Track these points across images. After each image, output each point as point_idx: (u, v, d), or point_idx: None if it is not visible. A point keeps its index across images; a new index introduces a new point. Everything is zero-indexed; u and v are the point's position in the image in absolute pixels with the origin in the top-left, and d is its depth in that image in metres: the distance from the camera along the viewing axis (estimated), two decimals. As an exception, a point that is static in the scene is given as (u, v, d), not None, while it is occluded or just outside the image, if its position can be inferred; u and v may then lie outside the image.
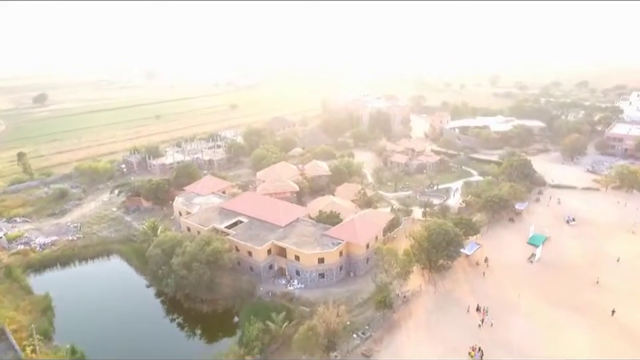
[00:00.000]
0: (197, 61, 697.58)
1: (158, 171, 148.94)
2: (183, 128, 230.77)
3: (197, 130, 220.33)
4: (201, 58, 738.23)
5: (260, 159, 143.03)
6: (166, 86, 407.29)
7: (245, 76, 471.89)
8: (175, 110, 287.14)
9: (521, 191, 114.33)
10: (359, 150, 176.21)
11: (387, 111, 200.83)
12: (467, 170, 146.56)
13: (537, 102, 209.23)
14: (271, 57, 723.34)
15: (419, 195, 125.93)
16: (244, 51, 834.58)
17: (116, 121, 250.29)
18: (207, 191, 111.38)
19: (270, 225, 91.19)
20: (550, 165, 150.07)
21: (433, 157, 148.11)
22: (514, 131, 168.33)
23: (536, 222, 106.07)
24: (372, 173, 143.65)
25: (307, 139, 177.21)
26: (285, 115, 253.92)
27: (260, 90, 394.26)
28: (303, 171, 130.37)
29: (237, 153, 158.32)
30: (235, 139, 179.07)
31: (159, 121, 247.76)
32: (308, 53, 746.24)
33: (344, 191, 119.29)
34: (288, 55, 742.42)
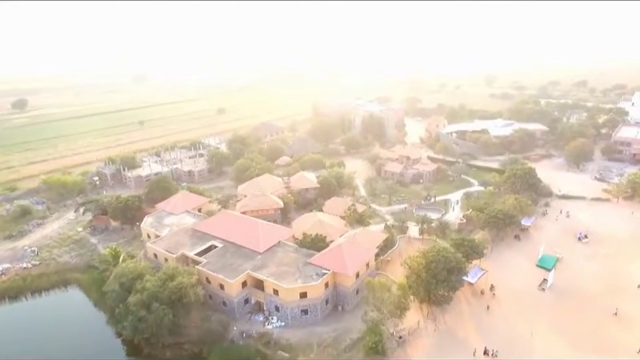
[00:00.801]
0: (187, 62, 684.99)
1: (133, 184, 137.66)
2: (166, 135, 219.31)
3: (181, 137, 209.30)
4: (192, 59, 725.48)
5: (243, 170, 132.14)
6: (154, 89, 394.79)
7: (236, 77, 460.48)
8: (161, 115, 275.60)
9: (526, 204, 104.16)
10: (351, 157, 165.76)
11: (380, 114, 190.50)
12: (467, 179, 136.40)
13: (537, 104, 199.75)
14: (263, 56, 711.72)
15: (415, 208, 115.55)
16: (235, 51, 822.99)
17: (97, 128, 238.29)
18: (180, 209, 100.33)
19: (247, 251, 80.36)
20: (554, 172, 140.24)
21: (430, 166, 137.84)
22: (515, 135, 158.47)
23: (544, 239, 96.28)
24: (364, 184, 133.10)
25: (295, 147, 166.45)
26: (273, 120, 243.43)
27: (251, 92, 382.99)
28: (289, 184, 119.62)
29: (219, 163, 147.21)
30: (219, 147, 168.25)
31: (142, 127, 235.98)
32: (301, 53, 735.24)
33: (333, 206, 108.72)
34: (281, 55, 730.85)
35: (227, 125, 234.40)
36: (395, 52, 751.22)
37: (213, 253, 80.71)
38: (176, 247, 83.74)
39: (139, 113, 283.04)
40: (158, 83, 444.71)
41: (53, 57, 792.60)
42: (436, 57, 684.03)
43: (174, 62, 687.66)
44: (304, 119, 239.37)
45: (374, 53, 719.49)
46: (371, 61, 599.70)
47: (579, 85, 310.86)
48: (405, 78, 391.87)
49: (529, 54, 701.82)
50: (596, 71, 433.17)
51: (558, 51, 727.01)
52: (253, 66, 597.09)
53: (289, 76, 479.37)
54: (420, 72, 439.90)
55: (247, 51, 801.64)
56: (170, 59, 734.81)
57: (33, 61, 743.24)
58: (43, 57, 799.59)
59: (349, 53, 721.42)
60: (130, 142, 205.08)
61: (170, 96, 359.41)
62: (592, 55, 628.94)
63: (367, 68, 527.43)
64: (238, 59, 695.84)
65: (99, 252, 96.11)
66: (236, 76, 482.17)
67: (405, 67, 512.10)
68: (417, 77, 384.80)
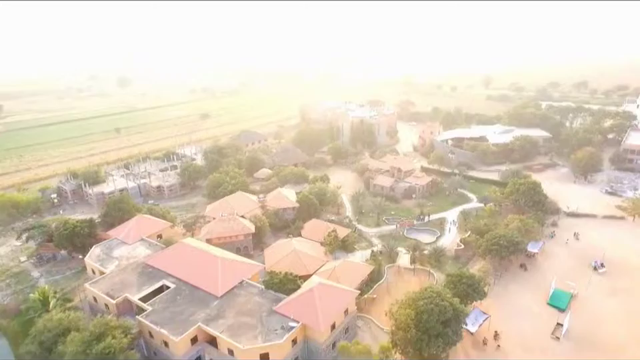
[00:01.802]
0: (174, 65, 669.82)
1: (95, 201, 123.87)
2: (144, 142, 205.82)
3: (159, 145, 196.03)
4: (180, 62, 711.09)
5: (216, 185, 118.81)
6: (139, 93, 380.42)
7: (223, 80, 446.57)
8: (142, 121, 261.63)
9: (532, 226, 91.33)
10: (338, 168, 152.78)
11: (371, 121, 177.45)
12: (464, 193, 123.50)
13: (538, 107, 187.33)
14: (253, 58, 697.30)
15: (406, 230, 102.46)
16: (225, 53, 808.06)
17: (72, 135, 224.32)
18: (135, 237, 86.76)
19: (203, 295, 66.99)
20: (560, 185, 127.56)
21: (423, 179, 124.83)
22: (515, 143, 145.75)
23: (555, 269, 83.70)
24: (351, 199, 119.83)
25: (277, 157, 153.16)
26: (259, 126, 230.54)
27: (238, 96, 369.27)
28: (264, 203, 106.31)
29: (192, 177, 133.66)
30: (194, 158, 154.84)
31: (119, 134, 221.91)
32: (292, 55, 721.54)
33: (312, 230, 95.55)
34: (271, 57, 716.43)
35: (209, 132, 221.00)
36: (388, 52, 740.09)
37: (162, 297, 67.17)
38: (121, 287, 70.25)
39: (120, 119, 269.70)
40: (144, 86, 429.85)
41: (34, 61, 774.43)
42: (431, 57, 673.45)
43: (161, 65, 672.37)
44: (291, 125, 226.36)
45: (367, 53, 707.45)
46: (364, 62, 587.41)
47: (579, 85, 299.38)
48: (398, 79, 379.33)
49: (526, 53, 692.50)
50: (595, 71, 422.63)
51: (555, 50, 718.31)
52: (242, 68, 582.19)
53: (278, 78, 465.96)
54: (414, 73, 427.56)
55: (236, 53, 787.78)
56: (157, 61, 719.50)
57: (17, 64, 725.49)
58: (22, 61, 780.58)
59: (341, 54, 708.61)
60: (103, 151, 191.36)
61: (154, 100, 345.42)
62: (590, 55, 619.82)
63: (360, 69, 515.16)
64: (227, 61, 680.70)
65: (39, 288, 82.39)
66: (224, 79, 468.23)
67: (399, 68, 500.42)
68: (411, 78, 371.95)
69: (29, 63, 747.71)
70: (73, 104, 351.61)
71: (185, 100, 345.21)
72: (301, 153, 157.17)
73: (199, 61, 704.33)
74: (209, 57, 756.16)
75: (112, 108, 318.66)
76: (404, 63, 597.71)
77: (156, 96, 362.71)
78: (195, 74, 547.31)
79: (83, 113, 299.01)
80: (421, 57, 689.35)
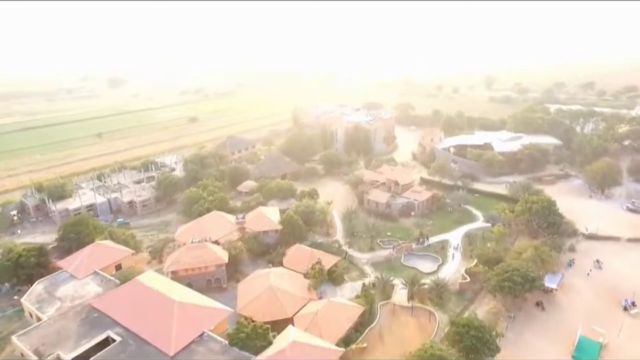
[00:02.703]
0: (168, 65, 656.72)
1: (59, 219, 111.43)
2: (127, 149, 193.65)
3: (142, 151, 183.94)
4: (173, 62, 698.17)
5: (191, 202, 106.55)
6: (129, 95, 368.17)
7: (218, 80, 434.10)
8: (128, 124, 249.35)
9: (549, 255, 78.92)
10: (330, 179, 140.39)
11: (367, 126, 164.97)
12: (468, 210, 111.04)
13: (546, 112, 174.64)
14: (249, 58, 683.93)
15: (403, 255, 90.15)
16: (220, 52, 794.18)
17: (52, 141, 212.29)
18: (87, 270, 74.52)
19: (152, 351, 54.74)
20: (574, 200, 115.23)
21: (423, 194, 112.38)
22: (524, 152, 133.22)
23: (576, 308, 71.54)
24: (343, 218, 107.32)
25: (264, 167, 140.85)
26: (250, 131, 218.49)
27: (233, 97, 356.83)
28: (243, 225, 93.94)
29: (169, 191, 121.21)
30: (175, 168, 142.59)
31: (101, 140, 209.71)
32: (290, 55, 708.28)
33: (296, 258, 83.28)
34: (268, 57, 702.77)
35: (196, 137, 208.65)
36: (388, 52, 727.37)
37: (103, 355, 54.88)
38: (56, 341, 57.99)
39: (106, 122, 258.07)
40: (136, 87, 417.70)
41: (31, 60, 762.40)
42: (431, 57, 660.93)
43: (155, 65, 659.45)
44: (284, 129, 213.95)
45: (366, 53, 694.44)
46: (363, 62, 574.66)
47: (586, 86, 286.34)
48: (398, 80, 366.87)
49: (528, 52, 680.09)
50: (600, 71, 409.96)
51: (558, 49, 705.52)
52: (238, 68, 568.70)
53: (275, 79, 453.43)
54: (414, 73, 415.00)
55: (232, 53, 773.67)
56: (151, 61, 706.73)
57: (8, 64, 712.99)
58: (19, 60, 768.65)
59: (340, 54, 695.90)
60: (82, 159, 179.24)
61: (145, 102, 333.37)
62: (594, 54, 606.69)
63: (359, 69, 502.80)
64: (222, 61, 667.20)
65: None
66: (219, 79, 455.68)
67: (399, 68, 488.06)
68: (411, 78, 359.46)
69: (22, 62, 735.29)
70: (61, 106, 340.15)
71: (176, 102, 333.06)
72: (290, 162, 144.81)
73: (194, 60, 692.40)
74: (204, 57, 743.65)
75: (101, 110, 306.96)
76: (404, 62, 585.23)
77: (147, 97, 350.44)
78: (189, 74, 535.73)
79: (69, 116, 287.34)
80: (421, 56, 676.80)
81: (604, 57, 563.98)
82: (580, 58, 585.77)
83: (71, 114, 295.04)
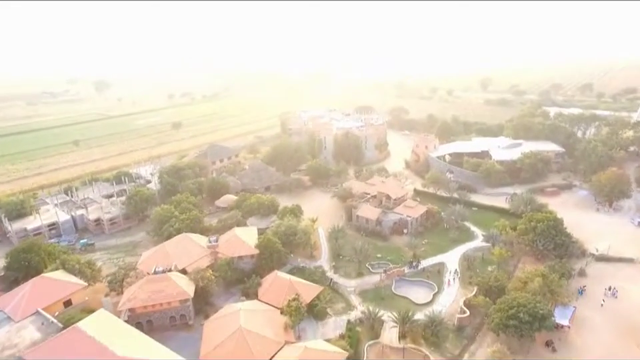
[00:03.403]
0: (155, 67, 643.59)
1: (16, 240, 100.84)
2: (104, 158, 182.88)
3: (121, 160, 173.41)
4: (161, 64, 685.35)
5: (161, 221, 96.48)
6: (114, 99, 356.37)
7: (206, 83, 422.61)
8: (110, 130, 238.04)
9: (560, 286, 69.54)
10: (317, 191, 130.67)
11: (357, 132, 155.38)
12: (466, 226, 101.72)
13: (545, 116, 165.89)
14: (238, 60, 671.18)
15: (394, 282, 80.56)
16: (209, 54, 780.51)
17: (26, 149, 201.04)
18: (26, 310, 64.31)
19: None
20: (580, 213, 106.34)
21: (417, 209, 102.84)
22: (525, 161, 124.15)
23: (592, 347, 62.19)
24: (329, 236, 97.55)
25: (246, 178, 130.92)
26: (236, 136, 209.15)
27: (220, 101, 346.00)
28: (215, 250, 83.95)
29: (140, 207, 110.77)
30: (150, 180, 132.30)
31: (77, 147, 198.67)
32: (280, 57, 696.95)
33: (273, 289, 73.42)
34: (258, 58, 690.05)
35: (179, 144, 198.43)
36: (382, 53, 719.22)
37: None
38: (-28, 407, 47.86)
39: (87, 128, 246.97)
40: (122, 91, 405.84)
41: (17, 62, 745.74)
42: (426, 58, 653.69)
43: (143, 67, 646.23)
44: (271, 135, 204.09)
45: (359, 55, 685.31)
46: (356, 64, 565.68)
47: (584, 88, 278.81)
48: (391, 82, 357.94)
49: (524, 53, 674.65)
50: (598, 71, 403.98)
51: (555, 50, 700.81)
52: (227, 70, 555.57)
53: (264, 81, 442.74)
54: (408, 75, 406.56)
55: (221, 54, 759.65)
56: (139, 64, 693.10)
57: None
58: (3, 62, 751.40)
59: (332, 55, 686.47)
60: (55, 169, 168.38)
61: (129, 106, 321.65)
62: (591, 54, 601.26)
63: (351, 71, 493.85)
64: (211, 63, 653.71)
65: None
66: (205, 82, 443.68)
67: (393, 70, 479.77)
68: (405, 80, 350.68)
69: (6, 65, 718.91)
70: (44, 110, 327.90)
71: (162, 106, 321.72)
72: (274, 173, 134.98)
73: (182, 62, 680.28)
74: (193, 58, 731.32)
75: (83, 115, 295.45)
76: (398, 63, 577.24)
77: (132, 102, 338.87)
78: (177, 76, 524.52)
79: (49, 121, 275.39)
80: (416, 57, 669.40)
81: (599, 57, 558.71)
82: (575, 58, 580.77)
83: (51, 119, 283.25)
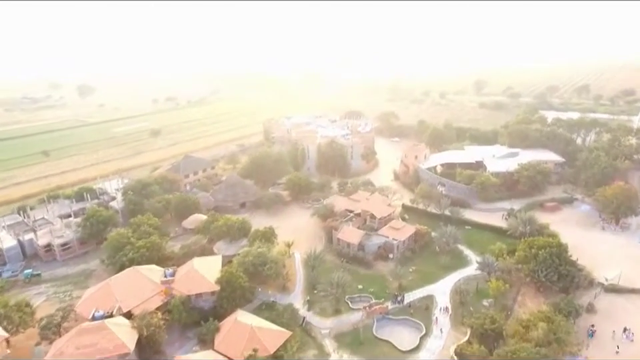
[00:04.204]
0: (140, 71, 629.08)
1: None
2: (74, 169, 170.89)
3: (93, 172, 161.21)
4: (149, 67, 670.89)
5: (116, 247, 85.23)
6: (96, 105, 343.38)
7: (192, 88, 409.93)
8: (86, 139, 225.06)
9: (568, 332, 59.10)
10: (298, 207, 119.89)
11: (343, 141, 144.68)
12: (459, 249, 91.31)
13: (543, 121, 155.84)
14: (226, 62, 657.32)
15: (375, 322, 69.81)
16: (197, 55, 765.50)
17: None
18: None
19: None
20: (584, 233, 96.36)
21: (404, 230, 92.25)
22: (523, 173, 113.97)
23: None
24: (305, 262, 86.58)
25: (220, 194, 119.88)
26: (216, 145, 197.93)
27: (206, 106, 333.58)
28: (170, 286, 72.81)
29: (96, 230, 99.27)
30: (115, 196, 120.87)
31: (47, 158, 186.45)
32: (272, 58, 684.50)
33: (231, 338, 62.48)
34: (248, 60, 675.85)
35: (156, 154, 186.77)
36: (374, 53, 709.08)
37: None
38: None
39: (62, 137, 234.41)
40: (105, 96, 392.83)
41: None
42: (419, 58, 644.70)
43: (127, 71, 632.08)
44: (254, 143, 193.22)
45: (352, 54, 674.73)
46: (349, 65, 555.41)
47: (581, 90, 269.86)
48: (384, 84, 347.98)
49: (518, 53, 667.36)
50: (590, 71, 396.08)
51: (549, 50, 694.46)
52: (213, 73, 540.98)
53: (252, 84, 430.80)
54: (401, 77, 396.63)
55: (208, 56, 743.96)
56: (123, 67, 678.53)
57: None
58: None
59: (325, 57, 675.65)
60: (17, 182, 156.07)
61: (111, 112, 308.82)
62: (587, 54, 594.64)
63: (344, 73, 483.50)
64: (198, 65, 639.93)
65: None
66: (192, 86, 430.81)
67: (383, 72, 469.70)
68: (398, 83, 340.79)
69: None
70: (21, 117, 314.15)
71: (145, 111, 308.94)
72: (251, 187, 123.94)
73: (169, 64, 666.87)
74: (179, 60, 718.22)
75: (61, 122, 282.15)
76: (390, 64, 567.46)
77: (114, 107, 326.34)
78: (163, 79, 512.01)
79: (24, 129, 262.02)
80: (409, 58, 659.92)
81: (594, 57, 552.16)
82: (570, 58, 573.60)
83: (26, 126, 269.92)
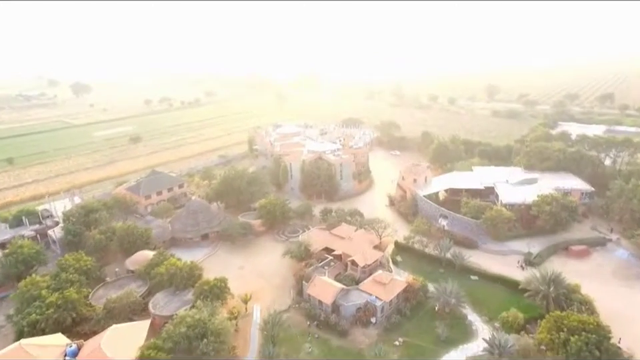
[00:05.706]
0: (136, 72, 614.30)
1: None
2: (35, 180, 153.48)
3: (58, 184, 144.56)
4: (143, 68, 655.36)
5: (25, 301, 66.94)
6: (87, 105, 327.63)
7: (186, 89, 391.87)
8: (59, 144, 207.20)
9: None
10: (271, 240, 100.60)
11: (332, 159, 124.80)
12: (462, 313, 71.21)
13: (566, 138, 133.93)
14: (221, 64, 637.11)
15: None
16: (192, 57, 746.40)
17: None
18: None
19: None
20: (625, 292, 75.80)
21: (391, 286, 72.29)
22: (544, 208, 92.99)
23: None
24: (266, 328, 67.11)
25: (179, 222, 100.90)
26: (199, 155, 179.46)
27: (198, 109, 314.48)
28: (97, 354, 53.90)
29: (15, 270, 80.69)
30: (59, 222, 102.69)
31: (11, 166, 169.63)
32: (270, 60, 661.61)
33: None
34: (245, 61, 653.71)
35: (132, 163, 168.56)
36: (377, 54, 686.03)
37: None
38: None
39: (40, 140, 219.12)
40: (100, 95, 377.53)
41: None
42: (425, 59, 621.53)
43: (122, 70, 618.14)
44: (238, 154, 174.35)
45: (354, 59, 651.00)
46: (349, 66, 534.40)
47: (604, 99, 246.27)
48: (387, 88, 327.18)
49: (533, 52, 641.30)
50: (615, 78, 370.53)
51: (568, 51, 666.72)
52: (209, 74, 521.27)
53: (249, 86, 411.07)
54: (406, 80, 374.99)
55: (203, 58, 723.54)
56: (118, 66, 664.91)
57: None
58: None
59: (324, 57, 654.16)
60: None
61: (97, 114, 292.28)
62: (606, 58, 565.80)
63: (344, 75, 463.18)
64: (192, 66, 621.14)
65: None
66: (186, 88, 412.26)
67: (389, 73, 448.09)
68: (403, 89, 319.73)
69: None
70: (6, 117, 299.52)
71: (134, 113, 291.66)
72: (217, 214, 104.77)
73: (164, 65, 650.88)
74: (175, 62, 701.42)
75: (44, 124, 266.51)
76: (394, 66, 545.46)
77: (103, 108, 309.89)
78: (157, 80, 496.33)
79: (1, 131, 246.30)
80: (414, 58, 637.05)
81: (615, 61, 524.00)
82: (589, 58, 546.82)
83: (6, 128, 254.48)
